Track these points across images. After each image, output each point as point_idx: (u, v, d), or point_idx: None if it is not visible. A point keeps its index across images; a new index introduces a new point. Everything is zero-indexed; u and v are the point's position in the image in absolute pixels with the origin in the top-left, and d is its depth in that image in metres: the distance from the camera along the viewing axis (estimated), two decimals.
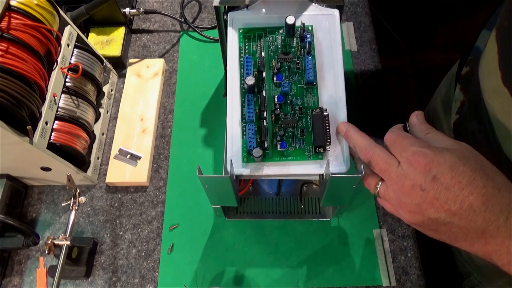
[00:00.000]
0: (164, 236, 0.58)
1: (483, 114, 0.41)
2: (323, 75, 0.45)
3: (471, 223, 0.31)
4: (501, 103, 0.37)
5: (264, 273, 0.55)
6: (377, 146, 0.37)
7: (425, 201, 0.32)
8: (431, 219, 0.32)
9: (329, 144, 0.43)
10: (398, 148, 0.35)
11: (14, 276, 0.57)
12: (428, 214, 0.32)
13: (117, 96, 0.70)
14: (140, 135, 0.65)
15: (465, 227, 0.31)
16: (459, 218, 0.31)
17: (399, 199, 0.34)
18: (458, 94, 0.51)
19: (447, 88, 0.60)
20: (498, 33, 0.38)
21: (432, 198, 0.32)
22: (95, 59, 0.62)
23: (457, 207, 0.31)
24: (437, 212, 0.32)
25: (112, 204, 0.61)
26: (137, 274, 0.56)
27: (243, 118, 0.44)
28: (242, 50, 0.46)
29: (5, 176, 0.57)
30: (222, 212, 0.55)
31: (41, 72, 0.50)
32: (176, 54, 0.74)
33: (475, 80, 0.44)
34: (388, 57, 1.51)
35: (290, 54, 0.45)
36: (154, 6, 0.79)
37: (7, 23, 0.46)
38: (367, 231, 0.58)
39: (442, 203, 0.31)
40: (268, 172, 0.43)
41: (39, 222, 0.60)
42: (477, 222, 0.30)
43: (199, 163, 0.62)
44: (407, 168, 0.33)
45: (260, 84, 0.44)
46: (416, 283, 0.54)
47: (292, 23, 0.44)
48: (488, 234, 0.31)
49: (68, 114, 0.56)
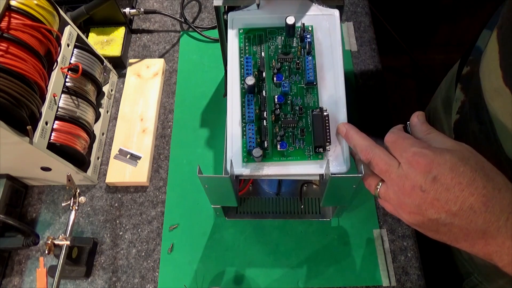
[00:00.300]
0: (164, 236, 0.58)
1: (483, 114, 0.41)
2: (323, 75, 0.45)
3: (471, 224, 0.31)
4: (502, 103, 0.37)
5: (264, 273, 0.55)
6: (378, 147, 0.37)
7: (425, 202, 0.32)
8: (431, 220, 0.32)
9: (329, 144, 0.43)
10: (398, 149, 0.35)
11: (14, 276, 0.57)
12: (428, 215, 0.32)
13: (117, 96, 0.70)
14: (140, 135, 0.65)
15: (466, 227, 0.31)
16: (459, 219, 0.31)
17: (399, 200, 0.34)
18: (458, 94, 0.51)
19: (448, 88, 0.60)
20: (499, 33, 0.38)
21: (433, 199, 0.32)
22: (95, 59, 0.62)
23: (458, 208, 0.31)
24: (437, 213, 0.32)
25: (112, 204, 0.61)
26: (137, 274, 0.56)
27: (243, 118, 0.44)
28: (242, 50, 0.46)
29: (5, 176, 0.57)
30: (222, 212, 0.55)
31: (41, 72, 0.50)
32: (176, 54, 0.74)
33: (475, 80, 0.44)
34: (388, 57, 1.50)
35: (290, 54, 0.45)
36: (154, 6, 0.79)
37: (7, 23, 0.46)
38: (367, 231, 0.58)
39: (443, 204, 0.31)
40: (268, 172, 0.43)
41: (39, 222, 0.60)
42: (478, 223, 0.30)
43: (199, 163, 0.62)
44: (407, 169, 0.33)
45: (260, 84, 0.44)
46: (416, 283, 0.54)
47: (292, 23, 0.44)
48: (488, 235, 0.31)
49: (68, 114, 0.56)
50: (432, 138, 0.36)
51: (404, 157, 0.34)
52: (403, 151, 0.34)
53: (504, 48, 0.37)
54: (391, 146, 0.36)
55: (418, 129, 0.38)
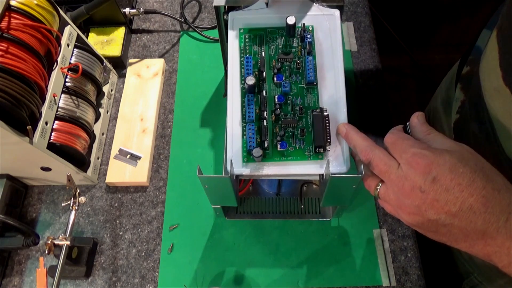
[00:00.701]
0: (164, 236, 0.58)
1: (483, 114, 0.41)
2: (323, 75, 0.45)
3: (471, 224, 0.31)
4: (502, 103, 0.37)
5: (264, 273, 0.55)
6: (377, 148, 0.37)
7: (424, 203, 0.32)
8: (431, 221, 0.32)
9: (329, 144, 0.43)
10: (398, 149, 0.35)
11: (14, 276, 0.57)
12: (428, 216, 0.32)
13: (117, 96, 0.70)
14: (140, 135, 0.65)
15: (465, 228, 0.31)
16: (459, 220, 0.31)
17: (399, 200, 0.34)
18: (458, 94, 0.51)
19: (448, 87, 0.60)
20: (499, 33, 0.38)
21: (432, 199, 0.32)
22: (95, 59, 0.62)
23: (457, 208, 0.31)
24: (437, 213, 0.32)
25: (112, 204, 0.61)
26: (137, 274, 0.56)
27: (243, 118, 0.44)
28: (242, 50, 0.46)
29: (5, 176, 0.57)
30: (222, 212, 0.55)
31: (41, 72, 0.50)
32: (176, 54, 0.74)
33: (475, 80, 0.44)
34: (388, 57, 1.50)
35: (290, 54, 0.45)
36: (154, 6, 0.79)
37: (7, 23, 0.46)
38: (367, 231, 0.58)
39: (442, 205, 0.31)
40: (268, 172, 0.43)
41: (39, 222, 0.60)
42: (477, 223, 0.30)
43: (199, 163, 0.62)
44: (406, 169, 0.33)
45: (261, 84, 0.44)
46: (416, 283, 0.54)
47: (292, 24, 0.44)
48: (488, 236, 0.31)
49: (68, 114, 0.56)
50: (432, 139, 0.36)
51: (404, 158, 0.34)
52: (402, 152, 0.34)
53: (504, 48, 0.37)
54: (390, 147, 0.36)
55: (418, 130, 0.38)
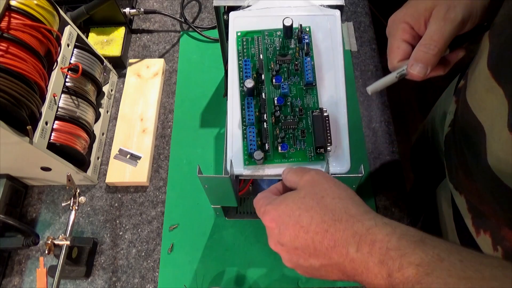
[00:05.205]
0: (164, 236, 0.58)
1: (469, 126, 0.41)
2: (322, 75, 0.45)
3: (332, 260, 0.30)
4: (495, 102, 0.36)
5: (264, 273, 0.55)
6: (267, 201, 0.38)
7: (289, 254, 0.33)
8: (307, 267, 0.33)
9: (330, 144, 0.42)
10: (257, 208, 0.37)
11: (14, 276, 0.57)
12: (302, 264, 0.33)
13: (117, 96, 0.70)
14: (140, 135, 0.65)
15: (330, 265, 0.31)
16: (322, 259, 0.31)
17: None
18: (452, 107, 0.51)
19: (445, 100, 0.60)
20: (491, 31, 0.38)
21: (292, 251, 0.33)
22: (95, 59, 0.62)
23: (313, 250, 0.31)
24: (305, 261, 0.32)
25: (112, 204, 0.61)
26: (137, 274, 0.56)
27: (243, 121, 0.43)
28: (240, 53, 0.46)
29: (5, 176, 0.57)
30: (222, 212, 0.55)
31: (41, 72, 0.50)
32: (176, 54, 0.74)
33: (465, 90, 0.43)
34: None
35: (288, 55, 0.45)
36: (154, 6, 0.79)
37: (7, 23, 0.46)
38: None
39: (301, 252, 0.32)
40: (268, 172, 0.43)
41: (39, 222, 0.60)
42: (335, 258, 0.30)
43: (199, 163, 0.61)
44: (267, 229, 0.35)
45: (260, 87, 0.44)
46: None
47: (289, 25, 0.44)
48: (348, 268, 0.30)
49: (68, 114, 0.56)
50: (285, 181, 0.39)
51: (263, 220, 0.36)
52: (261, 215, 0.36)
53: (493, 46, 0.36)
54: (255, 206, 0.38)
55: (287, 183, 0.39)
